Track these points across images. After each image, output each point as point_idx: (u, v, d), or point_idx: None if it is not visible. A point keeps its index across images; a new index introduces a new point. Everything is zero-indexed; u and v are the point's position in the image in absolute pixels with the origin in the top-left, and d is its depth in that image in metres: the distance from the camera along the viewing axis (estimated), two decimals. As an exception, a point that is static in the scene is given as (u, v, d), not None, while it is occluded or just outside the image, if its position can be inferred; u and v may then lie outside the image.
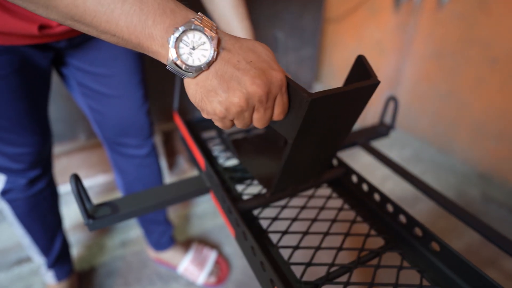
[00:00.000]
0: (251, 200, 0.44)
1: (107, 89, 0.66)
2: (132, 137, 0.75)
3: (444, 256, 0.37)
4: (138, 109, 0.71)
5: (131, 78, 0.67)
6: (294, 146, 0.35)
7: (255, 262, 0.37)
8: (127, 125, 0.72)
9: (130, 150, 0.77)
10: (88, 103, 0.68)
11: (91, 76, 0.64)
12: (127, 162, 0.79)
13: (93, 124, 0.74)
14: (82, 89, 0.66)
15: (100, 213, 0.45)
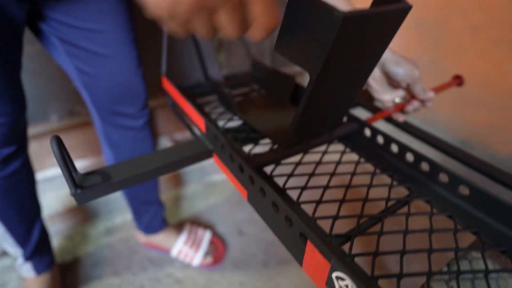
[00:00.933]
0: (263, 156, 0.40)
1: (98, 47, 0.58)
2: (128, 105, 0.67)
3: (474, 200, 0.35)
4: (133, 72, 0.64)
5: (123, 35, 0.60)
6: (317, 83, 0.30)
7: (278, 219, 0.33)
8: (122, 90, 0.65)
9: (125, 121, 0.70)
10: (75, 64, 0.60)
11: (78, 31, 0.56)
12: (121, 135, 0.72)
13: (81, 90, 0.66)
14: (67, 47, 0.58)
15: (89, 182, 0.39)
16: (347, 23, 0.25)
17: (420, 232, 0.33)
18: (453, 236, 0.32)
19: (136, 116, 0.70)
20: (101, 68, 0.60)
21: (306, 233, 0.29)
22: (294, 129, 0.36)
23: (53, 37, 0.57)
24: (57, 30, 0.55)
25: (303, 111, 0.34)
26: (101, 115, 0.68)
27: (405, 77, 0.47)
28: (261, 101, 0.54)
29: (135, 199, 0.85)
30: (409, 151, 0.41)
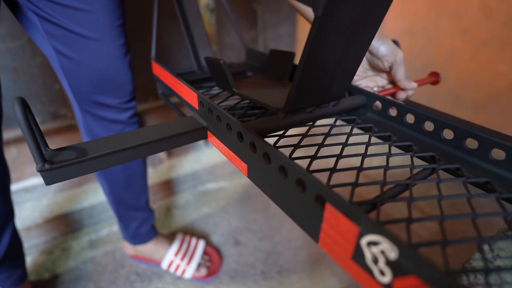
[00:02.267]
0: (264, 122, 0.35)
1: (82, 28, 0.53)
2: (112, 95, 0.62)
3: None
4: (119, 59, 0.59)
5: (112, 19, 0.55)
6: (322, 23, 0.26)
7: (288, 186, 0.27)
8: (106, 78, 0.59)
9: (108, 113, 0.63)
10: (55, 45, 0.54)
11: (60, 8, 0.50)
12: (104, 129, 0.65)
13: (60, 76, 0.60)
14: (47, 26, 0.52)
15: (61, 158, 0.33)
16: None
17: (455, 198, 0.27)
18: (497, 202, 0.27)
19: (121, 108, 0.64)
20: (84, 51, 0.55)
21: (324, 195, 0.23)
22: (295, 89, 0.32)
23: (31, 13, 0.51)
24: (35, 5, 0.50)
25: (306, 61, 0.29)
26: (82, 105, 0.62)
27: (389, 54, 0.43)
28: (258, 81, 0.49)
29: (121, 204, 0.78)
30: (428, 119, 0.37)
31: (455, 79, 1.35)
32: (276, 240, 0.99)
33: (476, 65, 1.27)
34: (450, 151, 0.35)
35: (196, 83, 0.57)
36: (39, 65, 0.88)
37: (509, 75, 1.17)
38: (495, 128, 0.36)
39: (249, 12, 1.20)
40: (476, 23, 1.23)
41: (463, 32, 1.28)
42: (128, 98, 0.64)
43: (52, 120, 0.97)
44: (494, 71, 1.21)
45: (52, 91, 0.93)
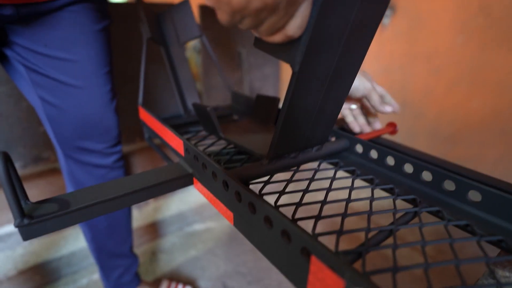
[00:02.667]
0: (249, 169, 0.36)
1: (67, 76, 0.54)
2: (97, 141, 0.61)
3: (489, 205, 0.31)
4: (105, 105, 0.59)
5: (97, 67, 0.56)
6: (300, 77, 0.28)
7: (273, 237, 0.27)
8: (91, 125, 0.59)
9: (93, 158, 0.63)
10: (40, 94, 0.55)
11: (47, 60, 0.52)
12: (88, 175, 0.64)
13: (44, 123, 0.60)
14: (33, 75, 0.53)
15: (41, 212, 0.32)
16: (327, 3, 0.24)
17: (438, 243, 0.28)
18: (478, 245, 0.28)
19: (106, 153, 0.64)
20: (69, 99, 0.56)
21: (310, 247, 0.23)
22: (278, 136, 0.33)
23: (18, 64, 0.53)
24: (23, 57, 0.52)
25: (287, 111, 0.31)
26: (65, 150, 0.62)
27: (359, 88, 0.47)
28: (244, 125, 0.51)
29: (103, 251, 0.74)
30: (408, 162, 0.38)
31: (433, 115, 1.42)
32: (267, 283, 0.95)
33: (450, 102, 1.35)
34: (430, 192, 0.36)
35: (182, 127, 0.58)
36: (24, 109, 0.88)
37: (480, 111, 1.24)
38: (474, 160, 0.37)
39: (234, 54, 1.26)
40: (446, 64, 1.32)
41: (435, 71, 1.37)
42: (113, 143, 0.64)
43: (35, 164, 0.95)
44: (466, 107, 1.28)
45: (36, 134, 0.92)
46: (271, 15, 0.23)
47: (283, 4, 0.22)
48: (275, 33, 0.25)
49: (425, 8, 1.33)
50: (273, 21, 0.24)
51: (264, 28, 0.25)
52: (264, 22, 0.24)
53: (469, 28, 1.20)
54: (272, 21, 0.24)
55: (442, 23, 1.29)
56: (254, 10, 0.22)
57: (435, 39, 1.33)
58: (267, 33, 0.25)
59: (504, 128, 1.18)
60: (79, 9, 0.53)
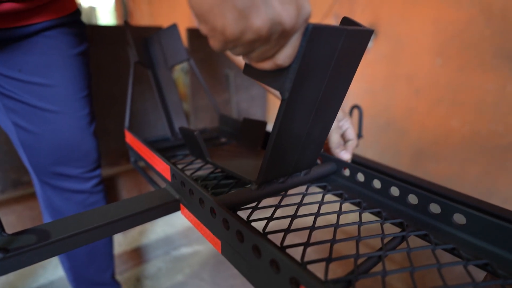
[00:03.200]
0: (236, 195, 0.35)
1: (43, 102, 0.53)
2: (74, 166, 0.59)
3: (473, 228, 0.32)
4: (83, 129, 0.58)
5: (74, 92, 0.55)
6: (289, 104, 0.28)
7: (261, 266, 0.27)
8: (68, 150, 0.57)
9: (70, 184, 0.61)
10: (14, 119, 0.53)
11: (21, 85, 0.51)
12: (66, 201, 0.61)
13: (18, 148, 0.57)
14: (6, 101, 0.52)
15: (18, 244, 0.30)
16: (316, 33, 0.25)
17: (427, 268, 0.28)
18: (465, 270, 0.28)
19: (84, 178, 0.62)
20: (44, 125, 0.54)
21: (298, 277, 0.23)
22: (267, 161, 0.33)
23: None
24: None
25: (276, 137, 0.31)
26: (40, 176, 0.59)
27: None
28: (231, 149, 0.51)
29: (82, 281, 0.71)
30: (394, 185, 0.39)
31: (416, 134, 1.46)
32: (256, 309, 0.92)
33: (431, 121, 1.40)
34: (416, 216, 0.36)
35: (169, 151, 0.57)
36: (2, 131, 0.86)
37: (460, 130, 1.28)
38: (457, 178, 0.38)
39: (222, 76, 1.27)
40: (426, 85, 1.37)
41: (417, 92, 1.42)
42: (91, 167, 0.62)
43: (14, 188, 0.92)
44: (447, 126, 1.33)
45: (16, 158, 0.89)
46: (263, 45, 0.24)
47: (276, 35, 0.23)
48: (265, 60, 0.26)
49: (405, 32, 1.40)
50: (264, 50, 0.24)
51: (255, 55, 0.25)
52: (255, 51, 0.25)
53: (447, 51, 1.26)
54: (263, 50, 0.24)
55: (421, 46, 1.35)
56: (248, 41, 0.23)
57: (416, 61, 1.39)
58: (257, 60, 0.26)
59: (483, 145, 1.23)
60: (55, 34, 0.52)
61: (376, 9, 1.48)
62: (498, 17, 1.11)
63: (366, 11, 1.52)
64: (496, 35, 1.13)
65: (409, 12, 1.37)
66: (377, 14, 1.48)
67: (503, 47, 1.11)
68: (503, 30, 1.10)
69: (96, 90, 1.04)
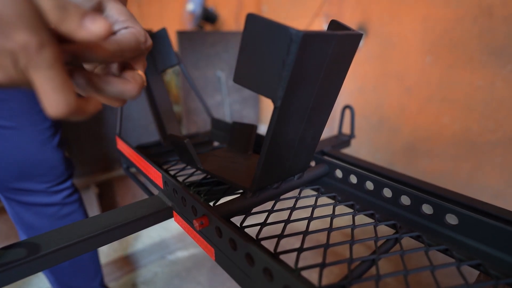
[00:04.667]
0: (230, 204, 0.35)
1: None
2: (39, 181, 0.56)
3: (465, 228, 0.32)
4: (43, 143, 0.55)
5: (31, 105, 0.52)
6: (282, 111, 0.28)
7: (255, 274, 0.26)
8: (29, 166, 0.54)
9: (37, 198, 0.58)
10: None
11: None
12: (36, 215, 0.59)
13: None
14: None
15: (7, 259, 0.30)
16: (307, 41, 0.25)
17: (420, 271, 0.28)
18: (458, 271, 0.28)
19: (51, 192, 0.59)
20: (1, 142, 0.51)
21: (292, 286, 0.23)
22: (261, 168, 0.33)
23: None
24: None
25: (269, 144, 0.31)
26: (4, 193, 0.57)
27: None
28: (223, 153, 0.50)
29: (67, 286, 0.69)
30: (386, 186, 0.39)
31: (408, 132, 1.47)
32: (254, 311, 0.92)
33: (423, 118, 1.41)
34: (409, 217, 0.37)
35: (162, 156, 0.57)
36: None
37: (452, 126, 1.30)
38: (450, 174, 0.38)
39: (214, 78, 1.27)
40: (417, 83, 1.39)
41: (408, 90, 1.43)
42: (58, 181, 0.60)
43: None
44: (439, 123, 1.34)
45: None
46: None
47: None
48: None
49: (395, 31, 1.41)
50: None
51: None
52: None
53: (436, 49, 1.28)
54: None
55: (411, 44, 1.36)
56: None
57: (406, 60, 1.40)
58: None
59: (474, 141, 1.24)
60: None
61: (365, 8, 1.49)
62: (486, 15, 1.13)
63: (356, 11, 1.53)
64: (483, 32, 1.14)
65: (398, 11, 1.38)
66: (366, 13, 1.49)
67: (491, 44, 1.13)
68: (490, 28, 1.12)
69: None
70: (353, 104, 1.65)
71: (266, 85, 0.27)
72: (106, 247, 1.13)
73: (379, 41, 1.46)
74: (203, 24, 2.09)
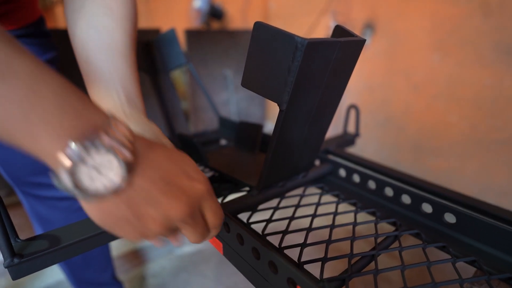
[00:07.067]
0: (237, 201, 0.37)
1: None
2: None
3: (463, 226, 0.33)
4: None
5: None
6: (287, 114, 0.30)
7: (261, 267, 0.28)
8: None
9: (53, 192, 0.59)
10: None
11: None
12: (51, 209, 0.61)
13: None
14: None
15: (31, 249, 0.32)
16: (311, 48, 0.26)
17: (416, 266, 0.30)
18: (453, 267, 0.30)
19: None
20: None
21: (295, 278, 0.25)
22: (267, 168, 0.35)
23: None
24: None
25: (275, 146, 0.32)
26: (21, 187, 0.58)
27: None
28: (230, 152, 0.52)
29: (83, 283, 0.72)
30: (388, 185, 0.40)
31: (414, 130, 1.47)
32: (259, 304, 0.94)
33: (430, 116, 1.41)
34: (409, 215, 0.38)
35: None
36: None
37: (458, 125, 1.29)
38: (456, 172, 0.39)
39: (221, 76, 1.29)
40: (425, 81, 1.38)
41: (415, 88, 1.43)
42: None
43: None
44: (445, 122, 1.34)
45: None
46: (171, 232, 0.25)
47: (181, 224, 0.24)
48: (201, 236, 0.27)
49: (402, 28, 1.40)
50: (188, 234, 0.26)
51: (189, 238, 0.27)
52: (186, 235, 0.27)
53: (445, 46, 1.27)
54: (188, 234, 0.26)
55: (419, 42, 1.36)
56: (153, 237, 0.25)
57: (414, 57, 1.39)
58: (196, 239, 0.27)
59: (481, 140, 1.24)
60: None
61: (373, 5, 1.48)
62: (495, 12, 1.12)
63: (363, 8, 1.52)
64: (493, 30, 1.13)
65: (406, 8, 1.37)
66: (374, 10, 1.49)
67: (500, 42, 1.12)
68: (500, 25, 1.11)
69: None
70: (360, 101, 1.65)
71: (272, 90, 0.29)
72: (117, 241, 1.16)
73: (386, 38, 1.46)
74: (210, 21, 2.10)
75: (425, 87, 1.39)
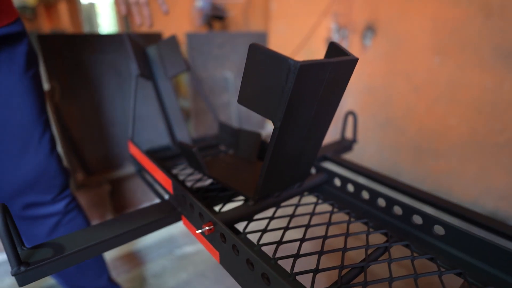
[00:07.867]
0: (234, 211, 0.38)
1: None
2: (42, 191, 0.57)
3: (451, 239, 0.35)
4: (46, 156, 0.56)
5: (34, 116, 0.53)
6: (281, 131, 0.31)
7: (254, 278, 0.30)
8: (33, 177, 0.55)
9: (41, 209, 0.59)
10: None
11: None
12: (39, 226, 0.60)
13: None
14: None
15: (37, 257, 0.34)
16: (303, 71, 0.27)
17: (404, 278, 0.31)
18: (439, 279, 0.31)
19: (54, 201, 0.60)
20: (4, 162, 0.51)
21: (286, 291, 0.26)
22: (263, 180, 0.36)
23: None
24: None
25: (270, 160, 0.34)
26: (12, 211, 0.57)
27: None
28: (229, 159, 0.53)
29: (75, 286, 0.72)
30: (381, 196, 0.42)
31: (414, 132, 1.47)
32: (258, 305, 0.96)
33: (430, 118, 1.41)
34: (401, 226, 0.39)
35: (171, 160, 0.60)
36: None
37: (458, 128, 1.30)
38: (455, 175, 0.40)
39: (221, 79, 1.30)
40: (425, 83, 1.38)
41: (415, 90, 1.43)
42: (60, 190, 0.61)
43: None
44: (446, 124, 1.34)
45: None
46: None
47: None
48: None
49: (403, 30, 1.40)
50: None
51: None
52: None
53: (445, 49, 1.27)
54: None
55: (420, 44, 1.36)
56: None
57: (414, 59, 1.40)
58: None
59: (481, 143, 1.24)
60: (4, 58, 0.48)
61: (374, 7, 1.49)
62: (496, 16, 1.12)
63: (365, 9, 1.53)
64: (494, 33, 1.13)
65: (407, 10, 1.38)
66: (375, 12, 1.49)
67: (501, 45, 1.12)
68: (501, 29, 1.11)
69: (99, 97, 1.07)
70: (360, 103, 1.65)
71: (267, 108, 0.30)
72: (118, 240, 1.18)
73: (387, 40, 1.46)
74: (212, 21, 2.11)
75: (426, 89, 1.39)
